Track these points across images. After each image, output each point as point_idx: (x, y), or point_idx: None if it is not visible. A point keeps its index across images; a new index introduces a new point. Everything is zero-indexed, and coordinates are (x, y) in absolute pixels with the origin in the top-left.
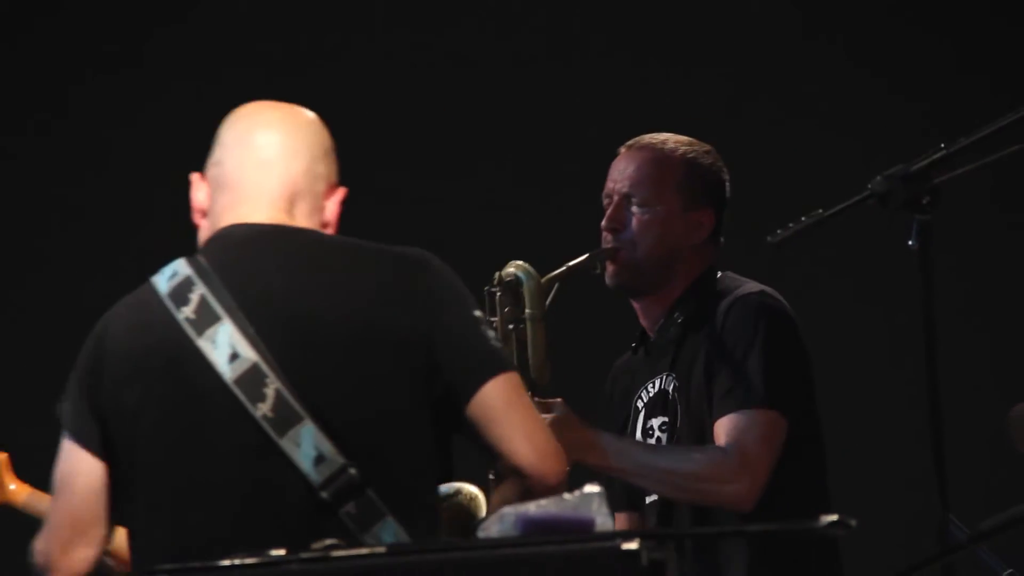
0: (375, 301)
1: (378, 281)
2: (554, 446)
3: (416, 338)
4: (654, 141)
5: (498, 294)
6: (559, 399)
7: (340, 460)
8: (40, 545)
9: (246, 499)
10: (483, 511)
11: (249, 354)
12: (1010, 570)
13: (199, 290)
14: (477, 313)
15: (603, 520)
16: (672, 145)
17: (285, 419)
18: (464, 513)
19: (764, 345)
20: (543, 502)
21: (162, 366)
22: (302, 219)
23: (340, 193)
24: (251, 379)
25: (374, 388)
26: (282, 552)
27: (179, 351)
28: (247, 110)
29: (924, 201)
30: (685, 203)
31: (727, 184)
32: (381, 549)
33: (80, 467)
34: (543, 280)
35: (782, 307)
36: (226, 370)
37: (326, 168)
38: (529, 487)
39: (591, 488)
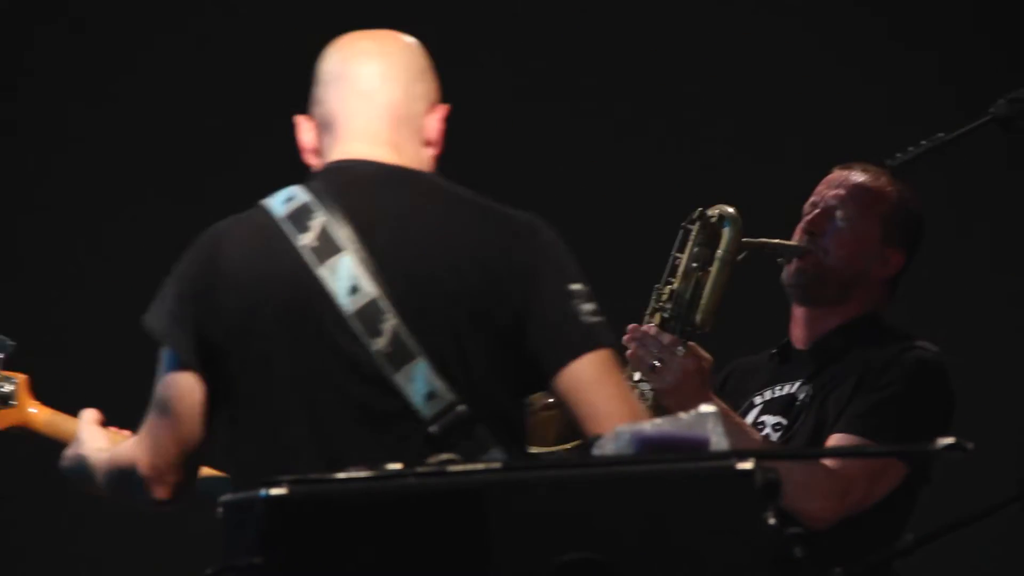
0: (480, 262)
1: (486, 242)
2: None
3: (510, 304)
4: (871, 170)
5: (693, 231)
6: (708, 356)
7: (450, 396)
8: (147, 459)
9: (357, 429)
10: None
11: (369, 289)
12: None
13: (320, 218)
14: (575, 287)
15: (718, 440)
16: (886, 179)
17: (400, 355)
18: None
19: (923, 401)
20: (658, 421)
21: (281, 293)
22: (406, 145)
23: (441, 111)
24: (370, 314)
25: (478, 339)
26: (399, 466)
27: (299, 279)
28: (341, 43)
29: None
30: (884, 235)
31: (923, 237)
32: (497, 465)
33: (183, 389)
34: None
35: (950, 379)
36: (346, 302)
37: (424, 88)
38: None
39: (706, 408)
